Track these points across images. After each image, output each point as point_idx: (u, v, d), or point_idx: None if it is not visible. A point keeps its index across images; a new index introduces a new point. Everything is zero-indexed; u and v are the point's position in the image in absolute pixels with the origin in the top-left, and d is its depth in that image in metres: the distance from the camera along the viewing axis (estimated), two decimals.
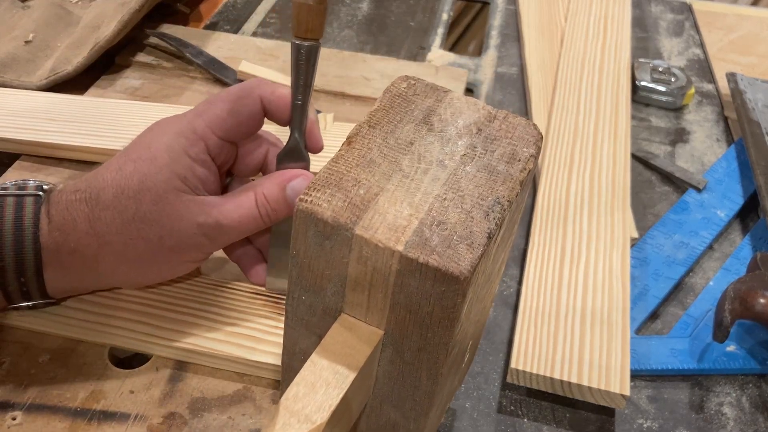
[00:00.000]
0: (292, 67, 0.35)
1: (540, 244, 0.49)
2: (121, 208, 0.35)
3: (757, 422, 0.43)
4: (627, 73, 0.67)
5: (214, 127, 0.37)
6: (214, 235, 0.37)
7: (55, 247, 0.36)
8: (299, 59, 0.35)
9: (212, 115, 0.37)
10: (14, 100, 0.57)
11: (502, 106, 0.67)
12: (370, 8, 0.81)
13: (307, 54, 0.35)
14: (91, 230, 0.35)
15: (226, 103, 0.37)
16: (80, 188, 0.36)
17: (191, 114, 0.37)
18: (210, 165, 0.37)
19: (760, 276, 0.45)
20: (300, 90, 0.36)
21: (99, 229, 0.35)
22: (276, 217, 0.37)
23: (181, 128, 0.36)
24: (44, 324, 0.41)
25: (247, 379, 0.40)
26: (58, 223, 0.36)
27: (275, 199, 0.37)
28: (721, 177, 0.59)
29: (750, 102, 0.64)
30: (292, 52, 0.35)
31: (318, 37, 0.35)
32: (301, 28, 0.34)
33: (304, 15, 0.34)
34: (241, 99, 0.37)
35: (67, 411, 0.38)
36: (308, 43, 0.35)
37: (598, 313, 0.44)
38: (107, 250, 0.36)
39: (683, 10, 0.85)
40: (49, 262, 0.36)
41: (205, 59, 0.65)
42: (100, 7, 0.68)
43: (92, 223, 0.35)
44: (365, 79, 0.65)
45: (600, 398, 0.41)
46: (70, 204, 0.36)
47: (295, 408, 0.27)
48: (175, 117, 0.38)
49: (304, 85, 0.36)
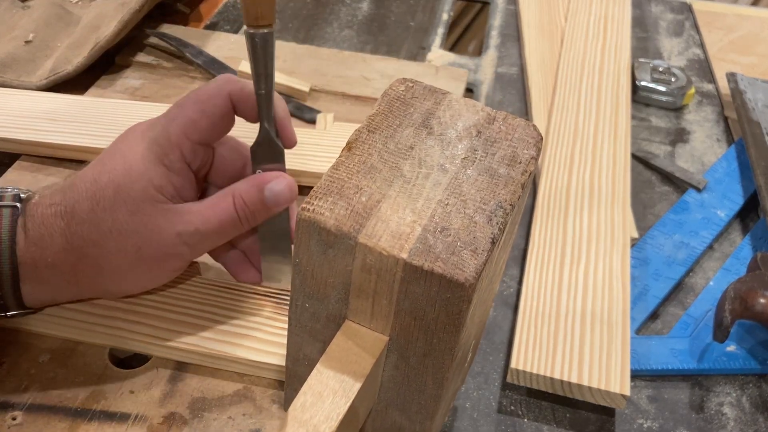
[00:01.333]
0: (249, 58, 0.35)
1: (540, 244, 0.49)
2: (97, 221, 0.35)
3: (757, 422, 0.43)
4: (627, 73, 0.67)
5: (188, 131, 0.36)
6: (194, 243, 0.36)
7: (32, 262, 0.35)
8: (255, 49, 0.34)
9: (185, 119, 0.36)
10: (14, 100, 0.57)
11: (502, 107, 0.67)
12: (370, 8, 0.81)
13: (261, 42, 0.34)
14: (68, 245, 0.35)
15: (198, 105, 0.36)
16: (56, 201, 0.35)
17: (164, 119, 0.37)
18: (186, 172, 0.37)
19: (760, 276, 0.45)
20: (261, 80, 0.35)
21: (76, 243, 0.35)
22: (255, 220, 0.37)
23: (155, 135, 0.36)
24: (44, 325, 0.41)
25: (247, 379, 0.40)
26: (34, 237, 0.35)
27: (253, 202, 0.36)
28: (721, 177, 0.59)
29: (750, 102, 0.64)
30: (247, 42, 0.34)
31: (269, 23, 0.34)
32: (251, 16, 0.33)
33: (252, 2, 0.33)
34: (211, 99, 0.37)
35: (67, 411, 0.38)
36: (261, 31, 0.34)
37: (598, 313, 0.44)
38: (85, 263, 0.35)
39: (683, 10, 0.85)
40: (26, 276, 0.35)
41: (205, 59, 0.65)
42: (100, 7, 0.68)
43: (69, 237, 0.35)
44: (365, 79, 0.65)
45: (600, 398, 0.41)
46: (46, 218, 0.35)
47: (304, 418, 0.27)
48: (149, 123, 0.37)
49: (264, 74, 0.35)
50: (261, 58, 0.34)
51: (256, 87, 0.36)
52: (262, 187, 0.36)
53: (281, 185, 0.36)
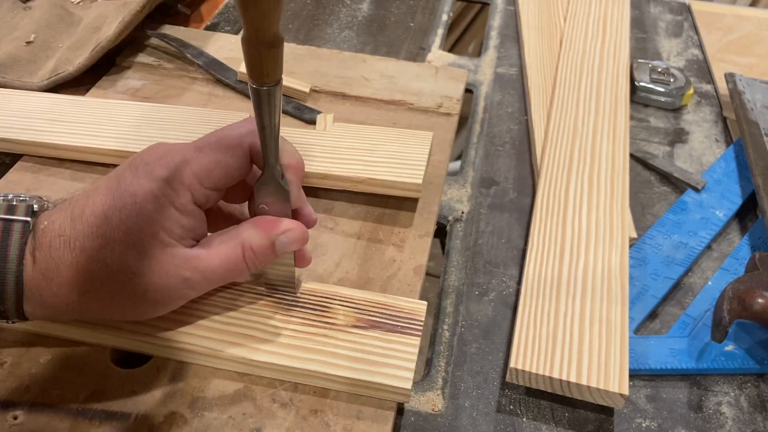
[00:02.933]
0: (254, 109, 0.34)
1: (539, 243, 0.49)
2: (106, 260, 0.34)
3: (755, 422, 0.43)
4: (626, 73, 0.67)
5: (201, 178, 0.36)
6: (199, 288, 0.37)
7: (38, 290, 0.35)
8: (260, 102, 0.33)
9: (200, 166, 0.36)
10: (16, 101, 0.57)
11: (502, 107, 0.67)
12: (370, 9, 0.81)
13: (267, 97, 0.33)
14: (74, 279, 0.35)
15: (216, 154, 0.36)
16: (65, 233, 0.35)
17: (180, 157, 0.36)
18: (197, 214, 0.37)
19: (758, 276, 0.45)
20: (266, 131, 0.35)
21: (83, 278, 0.35)
22: (262, 267, 0.38)
23: (168, 176, 0.35)
24: (45, 326, 0.41)
25: (248, 379, 0.40)
26: (42, 267, 0.34)
27: (263, 253, 0.37)
28: (719, 177, 0.59)
29: (749, 102, 0.64)
30: (252, 96, 0.33)
31: (276, 80, 0.32)
32: (256, 75, 0.32)
33: (257, 61, 0.31)
34: (230, 149, 0.37)
35: (69, 410, 0.38)
36: (266, 87, 0.32)
37: (597, 312, 0.44)
38: (90, 297, 0.35)
39: (682, 10, 0.85)
40: (30, 299, 0.35)
41: (206, 60, 0.65)
42: (101, 7, 0.68)
43: (76, 272, 0.34)
44: (365, 80, 0.66)
45: (599, 397, 0.41)
46: (54, 250, 0.34)
47: None
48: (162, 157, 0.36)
49: (270, 125, 0.34)
50: (266, 110, 0.33)
51: (261, 135, 0.35)
52: (273, 239, 0.37)
53: (293, 237, 0.37)
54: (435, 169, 0.56)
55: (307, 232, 0.38)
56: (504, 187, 0.58)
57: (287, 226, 0.37)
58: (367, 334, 0.41)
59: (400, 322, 0.42)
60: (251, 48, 0.31)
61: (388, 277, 0.47)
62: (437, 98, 0.64)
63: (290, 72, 0.65)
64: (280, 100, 0.33)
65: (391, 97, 0.64)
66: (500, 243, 0.53)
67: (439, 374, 0.44)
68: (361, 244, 0.49)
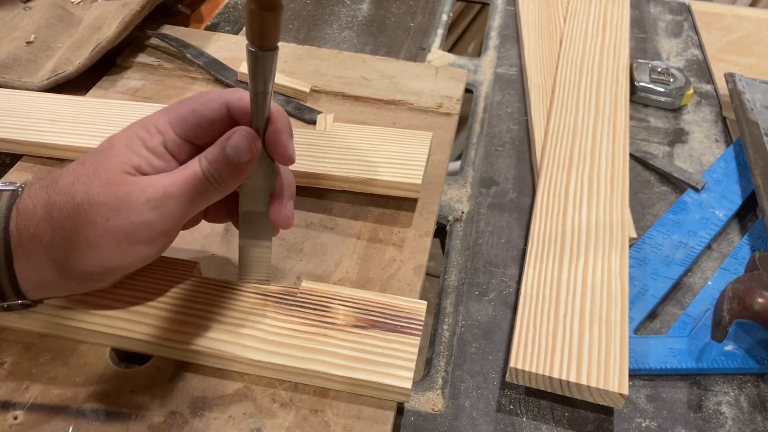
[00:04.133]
0: (249, 73, 0.34)
1: (539, 243, 0.49)
2: (72, 192, 0.36)
3: (755, 421, 0.43)
4: (626, 73, 0.67)
5: (173, 124, 0.37)
6: (162, 207, 0.36)
7: (17, 233, 0.36)
8: (256, 66, 0.34)
9: (175, 113, 0.38)
10: (16, 101, 0.57)
11: (502, 107, 0.67)
12: (370, 9, 0.81)
13: (263, 62, 0.34)
14: (47, 215, 0.36)
15: (192, 103, 0.38)
16: (44, 179, 0.37)
17: (161, 111, 0.38)
18: (169, 159, 0.38)
19: (758, 276, 0.45)
20: (259, 97, 0.35)
21: (54, 214, 0.36)
22: (221, 179, 0.37)
23: (145, 122, 0.38)
24: (46, 326, 0.41)
25: (248, 379, 0.40)
26: (21, 209, 0.36)
27: (216, 159, 0.37)
28: (719, 177, 0.59)
29: (748, 102, 0.64)
30: (248, 59, 0.34)
31: (274, 45, 0.33)
32: (256, 36, 0.33)
33: (258, 24, 0.32)
34: (206, 102, 0.38)
35: (69, 410, 0.38)
36: (265, 51, 0.33)
37: (596, 312, 0.44)
38: (60, 236, 0.36)
39: (682, 10, 0.85)
40: (14, 249, 0.36)
41: (206, 60, 0.65)
42: (101, 8, 0.68)
43: (48, 208, 0.36)
44: (365, 80, 0.66)
45: (599, 397, 0.41)
46: (33, 191, 0.37)
47: None
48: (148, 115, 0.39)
49: (263, 92, 0.35)
50: (261, 76, 0.34)
51: (252, 102, 0.36)
52: (224, 144, 0.37)
53: (241, 139, 0.37)
54: (435, 169, 0.56)
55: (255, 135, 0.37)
56: (504, 187, 0.58)
57: (235, 130, 0.37)
58: (367, 333, 0.41)
59: (400, 322, 0.42)
60: (254, 10, 0.31)
61: (388, 277, 0.47)
62: (437, 98, 0.64)
63: (290, 72, 0.65)
64: (275, 67, 0.34)
65: (391, 97, 0.64)
66: (500, 243, 0.53)
67: (439, 374, 0.44)
68: (361, 244, 0.49)
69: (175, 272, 0.44)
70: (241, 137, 0.36)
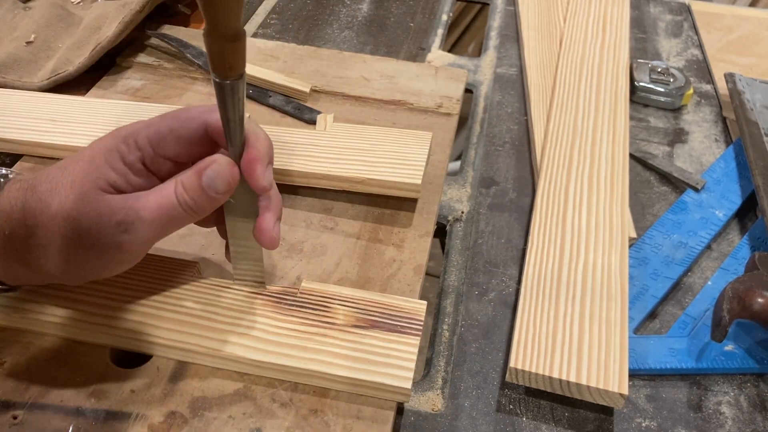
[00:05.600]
0: (218, 103, 0.33)
1: (539, 243, 0.49)
2: (49, 202, 0.35)
3: (755, 421, 0.43)
4: (626, 73, 0.67)
5: (153, 142, 0.37)
6: (134, 232, 0.36)
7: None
8: (224, 97, 0.33)
9: (154, 130, 0.37)
10: (16, 101, 0.57)
11: (502, 107, 0.67)
12: (370, 9, 0.81)
13: (230, 90, 0.33)
14: (22, 219, 0.36)
15: (171, 121, 0.37)
16: (25, 178, 0.37)
17: (144, 122, 0.38)
18: (147, 175, 0.37)
19: (758, 276, 0.45)
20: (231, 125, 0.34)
21: (29, 221, 0.36)
22: (197, 208, 0.36)
23: (126, 136, 0.37)
24: (45, 325, 0.41)
25: (248, 378, 0.40)
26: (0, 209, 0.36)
27: (192, 187, 0.36)
28: (719, 177, 0.59)
29: (748, 102, 0.64)
30: (216, 90, 0.33)
31: (240, 74, 0.32)
32: (220, 68, 0.32)
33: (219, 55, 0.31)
34: (186, 121, 0.37)
35: (68, 410, 0.38)
36: (230, 81, 0.32)
37: (596, 312, 0.44)
38: (34, 241, 0.36)
39: (682, 10, 0.85)
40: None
41: (206, 60, 0.65)
42: (101, 8, 0.68)
43: (24, 213, 0.36)
44: (365, 80, 0.66)
45: (598, 397, 0.41)
46: (11, 192, 0.37)
47: None
48: (132, 123, 0.38)
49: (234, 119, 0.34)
50: (229, 105, 0.33)
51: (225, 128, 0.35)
52: (202, 172, 0.36)
53: (219, 169, 0.36)
54: (435, 169, 0.56)
55: (234, 167, 0.36)
56: (504, 187, 0.58)
57: (213, 160, 0.36)
58: (367, 333, 0.41)
59: (400, 322, 0.42)
60: (213, 42, 0.30)
61: (387, 277, 0.47)
62: (437, 98, 0.64)
63: (290, 72, 0.65)
64: (244, 94, 0.34)
65: (390, 97, 0.64)
66: (500, 243, 0.53)
67: (439, 374, 0.44)
68: (361, 244, 0.49)
69: (174, 272, 0.44)
70: (219, 167, 0.36)
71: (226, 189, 0.36)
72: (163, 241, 0.39)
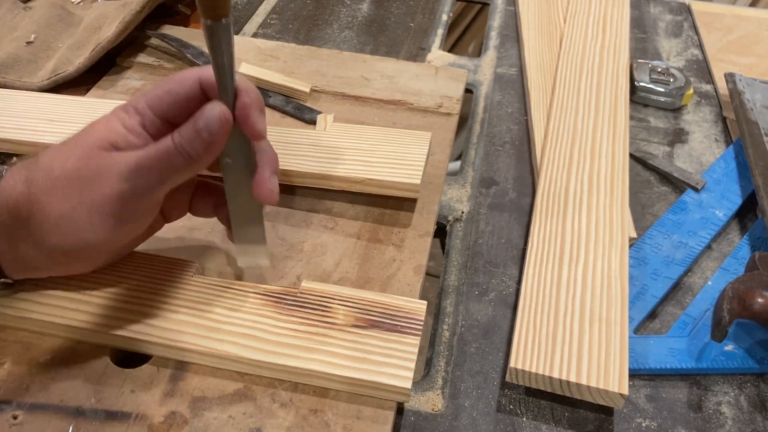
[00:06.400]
0: (209, 50, 0.35)
1: (539, 243, 0.49)
2: (51, 167, 0.37)
3: (755, 421, 0.43)
4: (626, 73, 0.67)
5: (151, 104, 0.38)
6: (133, 179, 0.36)
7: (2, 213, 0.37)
8: (214, 40, 0.34)
9: (152, 94, 0.38)
10: (16, 101, 0.57)
11: (502, 107, 0.67)
12: (370, 9, 0.81)
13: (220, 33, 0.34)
14: (26, 190, 0.37)
15: (168, 84, 0.39)
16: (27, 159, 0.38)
17: (139, 93, 0.39)
18: (147, 138, 0.38)
19: (758, 276, 0.45)
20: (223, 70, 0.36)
21: (33, 189, 0.37)
22: (193, 152, 0.37)
23: (125, 105, 0.39)
24: (45, 325, 0.41)
25: (248, 378, 0.40)
26: (3, 186, 0.37)
27: (188, 131, 0.37)
28: (719, 177, 0.59)
29: (748, 102, 0.64)
30: (205, 35, 0.34)
31: (226, 13, 0.34)
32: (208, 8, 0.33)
33: None
34: (180, 81, 0.38)
35: (68, 410, 0.38)
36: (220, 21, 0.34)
37: (596, 312, 0.44)
38: (36, 209, 0.37)
39: (682, 10, 0.85)
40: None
41: (205, 60, 0.65)
42: (101, 8, 0.68)
43: (28, 183, 0.37)
44: (365, 80, 0.66)
45: (599, 397, 0.41)
46: (14, 169, 0.38)
47: None
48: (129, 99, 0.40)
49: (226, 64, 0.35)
50: (219, 48, 0.35)
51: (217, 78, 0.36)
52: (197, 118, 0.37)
53: (209, 110, 0.37)
54: (435, 169, 0.56)
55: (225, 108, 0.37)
56: (504, 187, 0.58)
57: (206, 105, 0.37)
58: (367, 333, 0.41)
59: (399, 322, 0.42)
60: None
61: (387, 276, 0.47)
62: (437, 98, 0.64)
63: (290, 72, 0.65)
64: (233, 38, 0.35)
65: (390, 97, 0.64)
66: (500, 243, 0.53)
67: (439, 374, 0.44)
68: (361, 244, 0.49)
69: (173, 272, 0.44)
70: (211, 109, 0.37)
71: (220, 129, 0.37)
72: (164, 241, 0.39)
